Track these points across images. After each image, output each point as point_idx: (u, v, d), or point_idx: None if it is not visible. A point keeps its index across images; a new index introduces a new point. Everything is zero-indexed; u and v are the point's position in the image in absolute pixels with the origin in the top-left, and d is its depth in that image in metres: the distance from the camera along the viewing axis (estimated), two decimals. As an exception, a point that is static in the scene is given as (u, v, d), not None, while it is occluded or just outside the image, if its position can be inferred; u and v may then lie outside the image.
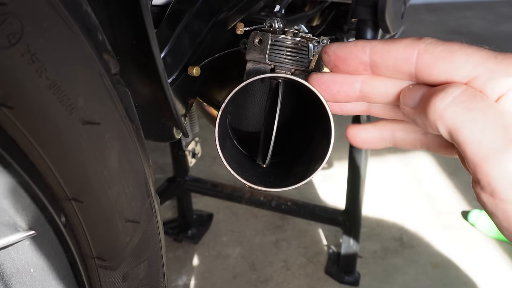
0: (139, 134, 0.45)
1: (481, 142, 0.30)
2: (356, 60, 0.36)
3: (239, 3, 0.61)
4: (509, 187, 0.29)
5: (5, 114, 0.34)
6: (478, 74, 0.31)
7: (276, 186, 0.50)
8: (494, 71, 0.31)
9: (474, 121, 0.30)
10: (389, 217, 1.77)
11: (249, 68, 0.50)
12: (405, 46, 0.34)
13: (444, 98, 0.31)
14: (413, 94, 0.35)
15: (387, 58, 0.35)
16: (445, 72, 0.33)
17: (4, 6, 0.30)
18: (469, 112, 0.30)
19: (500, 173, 0.29)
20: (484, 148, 0.30)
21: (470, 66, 0.32)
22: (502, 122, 0.30)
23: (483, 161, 0.30)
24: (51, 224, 0.43)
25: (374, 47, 0.35)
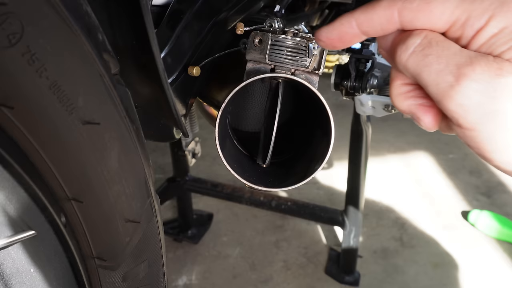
0: (139, 134, 0.45)
1: (437, 82, 0.34)
2: (349, 35, 0.39)
3: (239, 3, 0.61)
4: (468, 116, 0.33)
5: (5, 114, 0.35)
6: (457, 17, 0.34)
7: (276, 186, 0.50)
8: (470, 10, 0.34)
9: (430, 66, 0.34)
10: (389, 217, 1.77)
11: (249, 68, 0.50)
12: (384, 8, 0.37)
13: (405, 50, 0.35)
14: (385, 38, 0.39)
15: (373, 25, 0.38)
16: (427, 23, 0.35)
17: (4, 6, 0.30)
18: (426, 58, 0.34)
19: (456, 105, 0.33)
20: (441, 88, 0.34)
21: (448, 12, 0.34)
22: (455, 61, 0.33)
23: (443, 98, 0.34)
24: (51, 224, 0.43)
25: (358, 19, 0.38)
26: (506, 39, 0.33)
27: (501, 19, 0.33)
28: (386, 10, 0.37)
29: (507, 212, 1.75)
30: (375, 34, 0.38)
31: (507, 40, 0.33)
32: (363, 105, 1.06)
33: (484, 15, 0.33)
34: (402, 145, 2.23)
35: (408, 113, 0.40)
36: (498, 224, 1.64)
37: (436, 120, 0.39)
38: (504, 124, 0.33)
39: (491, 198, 1.85)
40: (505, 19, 0.33)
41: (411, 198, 1.87)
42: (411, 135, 2.29)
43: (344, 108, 2.17)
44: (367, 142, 1.35)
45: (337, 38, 0.40)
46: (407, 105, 0.40)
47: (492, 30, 0.33)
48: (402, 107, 0.41)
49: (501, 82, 0.32)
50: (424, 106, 0.39)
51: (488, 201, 1.84)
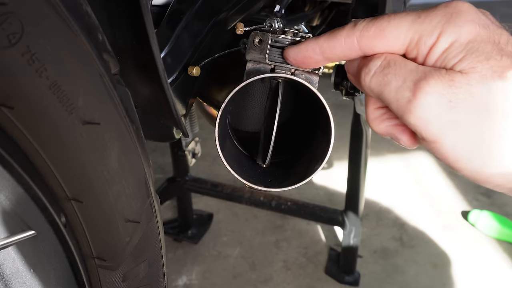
0: (139, 134, 0.45)
1: (397, 99, 0.36)
2: (312, 60, 0.42)
3: (239, 3, 0.61)
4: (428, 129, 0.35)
5: (5, 114, 0.35)
6: (410, 38, 0.37)
7: (276, 186, 0.50)
8: (421, 30, 0.36)
9: (389, 84, 0.36)
10: (389, 217, 1.77)
11: (249, 68, 0.50)
12: (345, 38, 0.39)
13: (368, 73, 0.38)
14: (351, 64, 0.41)
15: (335, 52, 0.40)
16: (384, 47, 0.38)
17: (4, 6, 0.30)
18: (385, 77, 0.37)
19: (416, 119, 0.35)
20: (400, 103, 0.36)
21: (402, 35, 0.37)
22: (411, 77, 0.35)
23: (404, 114, 0.36)
24: (51, 224, 0.43)
25: (322, 46, 0.41)
26: (456, 52, 0.35)
27: (449, 34, 0.35)
28: (346, 39, 0.39)
29: (507, 212, 1.75)
30: (338, 60, 0.41)
31: (457, 53, 0.35)
32: (363, 105, 1.06)
33: (434, 32, 0.36)
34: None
35: (386, 134, 0.43)
36: (498, 224, 1.64)
37: (412, 137, 0.41)
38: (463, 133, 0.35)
39: (491, 198, 1.85)
40: (453, 34, 0.35)
41: (411, 198, 1.87)
42: (411, 135, 2.29)
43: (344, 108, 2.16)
44: (367, 142, 1.35)
45: (301, 61, 0.43)
46: (383, 127, 0.42)
47: (443, 45, 0.36)
48: (379, 130, 0.43)
49: (454, 93, 0.34)
50: (399, 126, 0.41)
51: (488, 201, 1.84)
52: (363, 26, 0.38)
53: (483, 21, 0.36)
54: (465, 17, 0.35)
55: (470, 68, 0.34)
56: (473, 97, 0.34)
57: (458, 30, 0.35)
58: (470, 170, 0.36)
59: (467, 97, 0.34)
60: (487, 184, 0.37)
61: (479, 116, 0.34)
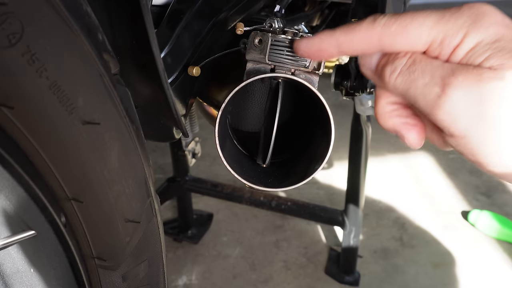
0: (139, 134, 0.45)
1: (425, 95, 0.36)
2: (327, 52, 0.41)
3: (239, 3, 0.61)
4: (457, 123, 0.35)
5: (5, 114, 0.35)
6: (433, 38, 0.36)
7: (276, 186, 0.50)
8: (446, 30, 0.36)
9: (416, 81, 0.36)
10: (389, 217, 1.77)
11: (249, 68, 0.50)
12: (364, 32, 0.38)
13: (393, 72, 0.38)
14: (368, 60, 0.40)
15: (352, 46, 0.39)
16: (406, 45, 0.37)
17: (4, 6, 0.30)
18: (412, 75, 0.37)
19: (445, 114, 0.35)
20: (429, 99, 0.35)
21: (425, 34, 0.36)
22: (439, 73, 0.35)
23: (432, 109, 0.36)
24: (51, 224, 0.43)
25: (338, 39, 0.40)
26: (482, 51, 0.35)
27: (475, 35, 0.35)
28: (366, 33, 0.38)
29: (507, 212, 1.75)
30: (353, 54, 0.40)
31: (483, 51, 0.35)
32: (363, 105, 1.07)
33: (459, 33, 0.36)
34: (402, 145, 2.22)
35: (393, 131, 0.42)
36: (498, 224, 1.64)
37: (420, 137, 0.41)
38: (492, 127, 0.34)
39: (491, 198, 1.85)
40: (479, 34, 0.35)
41: (411, 198, 1.87)
42: (411, 135, 2.29)
43: (344, 108, 2.17)
44: (367, 142, 1.35)
45: (314, 53, 0.42)
46: (392, 124, 0.42)
47: (468, 45, 0.35)
48: (387, 126, 0.42)
49: (483, 87, 0.34)
50: (408, 125, 0.41)
51: (488, 201, 1.84)
52: (384, 22, 0.38)
53: (507, 22, 0.36)
54: (490, 18, 0.36)
55: (498, 64, 0.34)
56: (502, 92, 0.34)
57: (484, 31, 0.35)
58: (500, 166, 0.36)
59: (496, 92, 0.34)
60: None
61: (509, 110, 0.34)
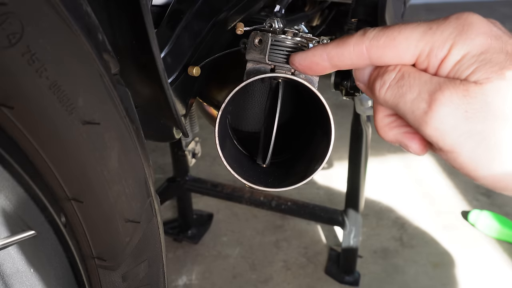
0: (139, 134, 0.45)
1: (412, 110, 0.36)
2: (319, 67, 0.42)
3: (239, 3, 0.61)
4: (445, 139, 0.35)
5: (5, 114, 0.35)
6: (421, 50, 0.37)
7: (276, 186, 0.50)
8: (432, 41, 0.36)
9: (404, 96, 0.36)
10: (389, 217, 1.77)
11: (249, 68, 0.50)
12: (354, 45, 0.39)
13: (383, 86, 0.38)
14: (361, 73, 0.41)
15: (343, 60, 0.40)
16: (395, 58, 0.38)
17: (4, 6, 0.30)
18: (400, 89, 0.37)
19: (432, 130, 0.35)
20: (416, 115, 0.36)
21: (412, 46, 0.37)
22: (426, 89, 0.35)
23: (420, 125, 0.36)
24: (51, 224, 0.43)
25: (329, 53, 0.40)
26: (468, 64, 0.35)
27: (461, 47, 0.35)
28: (355, 47, 0.39)
29: (507, 212, 1.75)
30: (345, 68, 0.41)
31: (469, 64, 0.35)
32: (363, 105, 1.07)
33: (446, 45, 0.36)
34: (402, 145, 2.23)
35: (395, 142, 0.43)
36: (498, 224, 1.64)
37: (422, 144, 0.41)
38: (481, 142, 0.34)
39: (491, 198, 1.85)
40: (465, 46, 0.35)
41: (411, 198, 1.87)
42: (411, 135, 2.29)
43: (344, 108, 2.16)
44: (367, 142, 1.35)
45: (307, 66, 0.43)
46: (393, 135, 0.42)
47: (455, 57, 0.36)
48: (388, 138, 0.42)
49: (470, 103, 0.34)
50: (409, 134, 0.41)
51: (488, 201, 1.84)
52: (373, 35, 0.38)
53: (495, 32, 0.36)
54: (477, 29, 0.36)
55: (485, 78, 0.34)
56: (488, 107, 0.34)
57: (470, 43, 0.35)
58: (490, 179, 0.36)
59: (483, 107, 0.34)
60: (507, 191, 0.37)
61: (497, 125, 0.34)
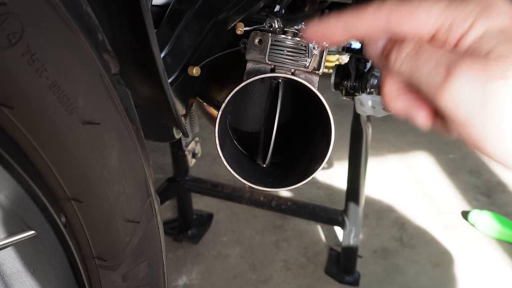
0: (139, 134, 0.45)
1: (428, 81, 0.36)
2: (335, 34, 0.41)
3: (239, 3, 0.61)
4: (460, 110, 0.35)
5: (5, 114, 0.34)
6: (442, 22, 0.37)
7: (276, 186, 0.50)
8: (454, 16, 0.36)
9: (421, 67, 0.36)
10: (389, 217, 1.77)
11: (249, 68, 0.50)
12: (372, 13, 0.39)
13: (399, 57, 0.38)
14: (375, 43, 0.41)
15: (359, 26, 0.40)
16: (414, 28, 0.38)
17: (4, 6, 0.30)
18: (417, 61, 0.37)
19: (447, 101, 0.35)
20: (432, 85, 0.36)
21: (433, 18, 0.37)
22: (444, 60, 0.35)
23: (435, 95, 0.35)
24: (51, 224, 0.43)
25: (346, 21, 0.40)
26: (488, 41, 0.35)
27: (482, 24, 0.35)
28: (374, 15, 0.39)
29: (507, 212, 1.75)
30: (359, 35, 0.41)
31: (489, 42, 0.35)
32: (363, 105, 1.06)
33: (467, 20, 0.36)
34: (402, 145, 2.23)
35: (402, 112, 0.42)
36: (498, 224, 1.64)
37: (430, 115, 0.40)
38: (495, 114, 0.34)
39: (491, 198, 1.85)
40: (486, 23, 0.35)
41: (411, 198, 1.87)
42: (411, 135, 2.29)
43: (344, 108, 2.17)
44: (367, 142, 1.35)
45: (322, 34, 0.42)
46: (400, 104, 0.42)
47: (475, 34, 0.36)
48: (396, 107, 0.42)
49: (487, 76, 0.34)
50: (417, 103, 0.40)
51: (488, 201, 1.84)
52: (394, 4, 0.38)
53: None
54: (499, 8, 0.36)
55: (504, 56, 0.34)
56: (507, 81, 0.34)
57: (492, 21, 0.35)
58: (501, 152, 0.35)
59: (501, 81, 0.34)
60: None
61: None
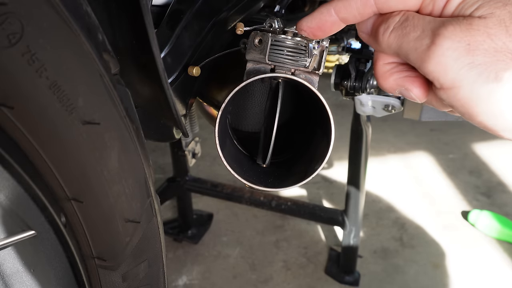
0: (139, 134, 0.45)
1: (415, 48, 0.37)
2: (328, 23, 0.42)
3: (239, 3, 0.61)
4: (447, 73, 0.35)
5: (5, 114, 0.35)
6: None
7: (276, 186, 0.50)
8: None
9: (408, 35, 0.38)
10: (389, 217, 1.77)
11: (249, 68, 0.50)
12: None
13: (387, 29, 0.39)
14: (365, 24, 0.42)
15: (350, 10, 0.41)
16: (400, 3, 0.39)
17: (4, 6, 0.30)
18: (404, 30, 0.38)
19: (435, 65, 0.35)
20: (419, 51, 0.36)
21: None
22: (430, 26, 0.36)
23: (422, 61, 0.36)
24: (51, 224, 0.43)
25: (336, 7, 0.41)
26: (472, 2, 0.36)
27: None
28: None
29: (507, 212, 1.75)
30: (353, 19, 0.42)
31: (473, 2, 0.36)
32: (363, 105, 1.07)
33: None
34: (402, 145, 2.23)
35: (396, 88, 0.43)
36: (498, 224, 1.64)
37: (424, 88, 0.41)
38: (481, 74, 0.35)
39: (491, 198, 1.85)
40: None
41: (411, 198, 1.87)
42: (411, 135, 2.29)
43: (344, 108, 2.17)
44: (367, 142, 1.35)
45: (317, 27, 0.43)
46: (394, 80, 0.42)
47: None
48: (389, 84, 0.43)
49: (472, 35, 0.35)
50: (410, 77, 0.41)
51: (488, 201, 1.84)
52: None
53: None
54: None
55: (488, 13, 0.35)
56: (491, 39, 0.34)
57: None
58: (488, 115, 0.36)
59: (485, 40, 0.34)
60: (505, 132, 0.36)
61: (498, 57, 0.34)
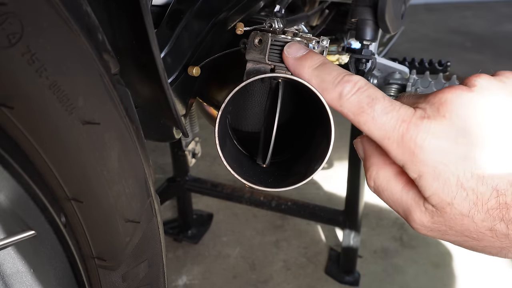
0: (139, 134, 0.45)
1: (397, 211, 0.43)
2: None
3: (239, 3, 0.61)
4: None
5: (5, 114, 0.35)
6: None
7: (276, 186, 0.50)
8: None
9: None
10: (389, 217, 1.77)
11: (249, 68, 0.50)
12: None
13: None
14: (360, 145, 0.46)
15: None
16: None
17: (4, 6, 0.30)
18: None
19: (416, 229, 0.44)
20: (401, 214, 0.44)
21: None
22: (404, 204, 0.42)
23: (407, 219, 0.43)
24: (51, 224, 0.43)
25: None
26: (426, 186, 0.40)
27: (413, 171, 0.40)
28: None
29: (507, 212, 1.74)
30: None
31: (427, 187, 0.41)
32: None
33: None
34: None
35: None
36: (498, 224, 1.64)
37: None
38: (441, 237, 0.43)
39: (491, 198, 1.85)
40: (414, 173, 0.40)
41: (411, 198, 1.87)
42: (411, 135, 2.29)
43: (344, 108, 2.16)
44: (367, 142, 1.34)
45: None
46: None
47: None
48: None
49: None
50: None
51: (488, 201, 1.84)
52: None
53: None
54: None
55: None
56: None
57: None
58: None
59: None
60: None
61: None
